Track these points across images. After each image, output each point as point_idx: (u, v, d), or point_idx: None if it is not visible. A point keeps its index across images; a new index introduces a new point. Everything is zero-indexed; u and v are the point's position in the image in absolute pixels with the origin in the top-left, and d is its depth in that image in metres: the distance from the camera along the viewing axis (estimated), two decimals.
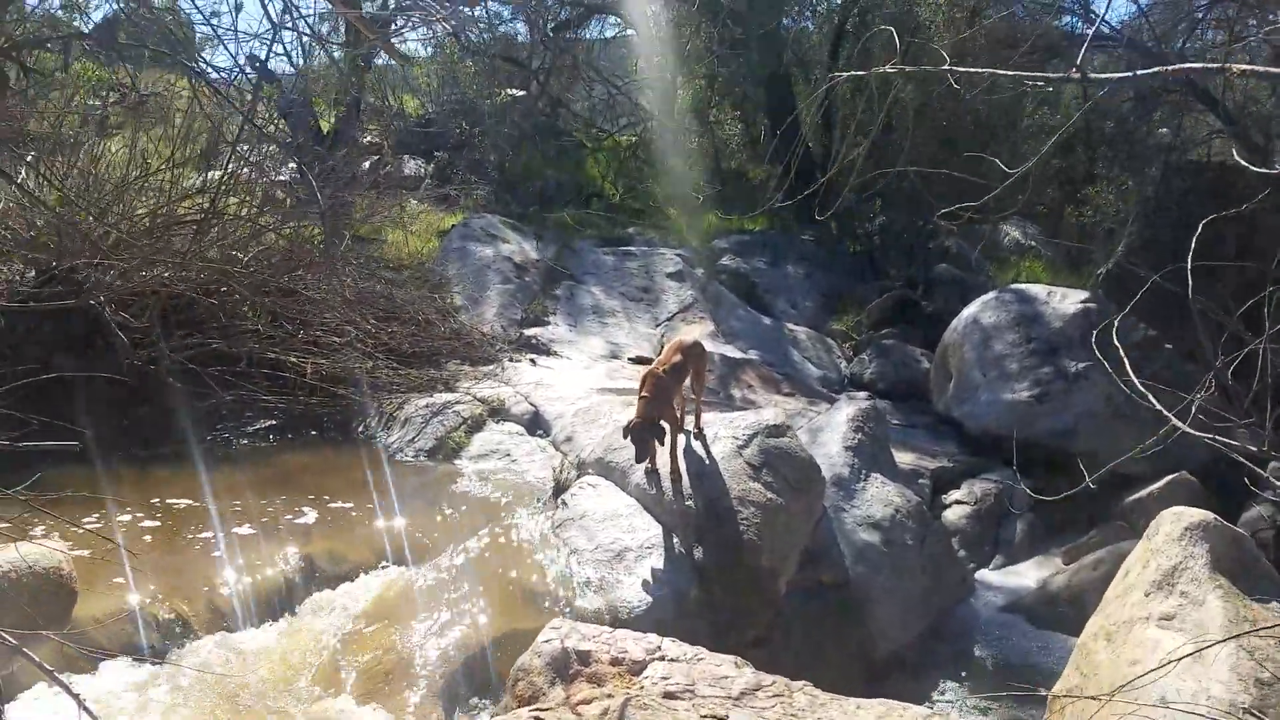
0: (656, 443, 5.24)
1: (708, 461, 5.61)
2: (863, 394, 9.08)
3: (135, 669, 4.07)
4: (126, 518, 5.16)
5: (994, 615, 6.53)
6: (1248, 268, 4.37)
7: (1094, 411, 8.18)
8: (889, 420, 8.82)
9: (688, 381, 5.85)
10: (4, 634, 2.35)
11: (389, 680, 4.21)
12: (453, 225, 11.68)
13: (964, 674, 5.51)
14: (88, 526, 4.50)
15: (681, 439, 5.71)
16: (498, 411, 7.50)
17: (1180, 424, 2.70)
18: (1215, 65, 2.81)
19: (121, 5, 6.70)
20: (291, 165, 9.80)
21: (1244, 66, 2.92)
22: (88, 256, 6.19)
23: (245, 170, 8.16)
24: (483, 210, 12.48)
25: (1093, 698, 3.01)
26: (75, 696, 2.41)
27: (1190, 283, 3.03)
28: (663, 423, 5.27)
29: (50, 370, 4.94)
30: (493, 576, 5.09)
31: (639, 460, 5.31)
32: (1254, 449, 2.69)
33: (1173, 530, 3.54)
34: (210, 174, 7.88)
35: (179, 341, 6.50)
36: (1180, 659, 2.80)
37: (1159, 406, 2.85)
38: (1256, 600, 3.19)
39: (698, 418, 5.99)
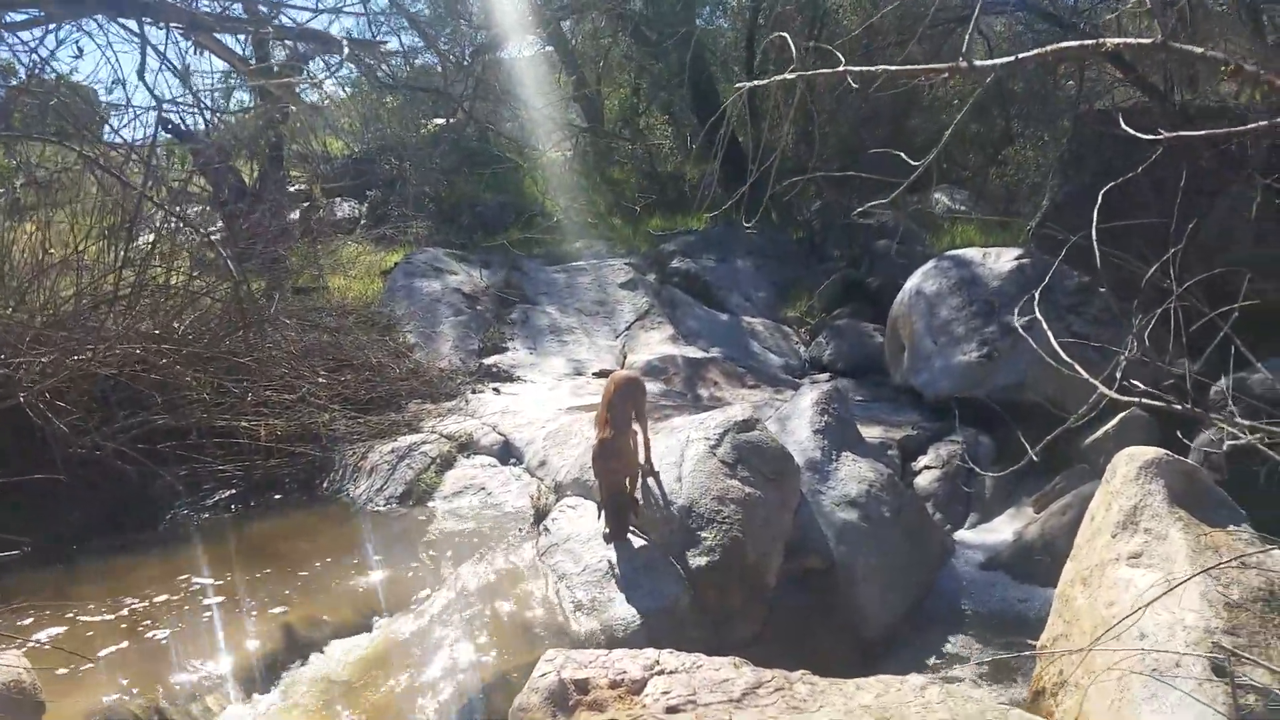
0: (631, 513, 5.15)
1: (680, 466, 5.62)
2: (824, 376, 9.20)
3: None
4: (90, 617, 5.00)
5: (976, 574, 6.64)
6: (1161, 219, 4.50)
7: (1042, 361, 8.38)
8: (852, 398, 8.97)
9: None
10: None
11: None
12: (395, 263, 11.57)
13: (955, 637, 5.60)
14: (50, 631, 4.36)
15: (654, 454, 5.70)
16: (466, 446, 7.44)
17: (1107, 391, 2.80)
18: (1091, 42, 2.94)
19: (16, 83, 6.54)
20: (219, 224, 9.64)
21: (1116, 41, 3.05)
22: (11, 349, 6.00)
23: (171, 231, 7.97)
24: (424, 244, 12.39)
25: (1073, 651, 3.10)
26: None
27: (1098, 251, 3.14)
28: (627, 488, 5.18)
29: None
30: (481, 615, 5.03)
31: (613, 539, 5.16)
32: (1178, 405, 2.79)
33: (1129, 471, 3.64)
34: (135, 242, 7.71)
35: (122, 423, 6.33)
36: (1151, 602, 2.90)
37: (1086, 375, 2.96)
38: (1215, 529, 3.30)
39: (647, 452, 5.77)
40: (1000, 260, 9.30)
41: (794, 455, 6.04)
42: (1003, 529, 7.47)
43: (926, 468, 8.06)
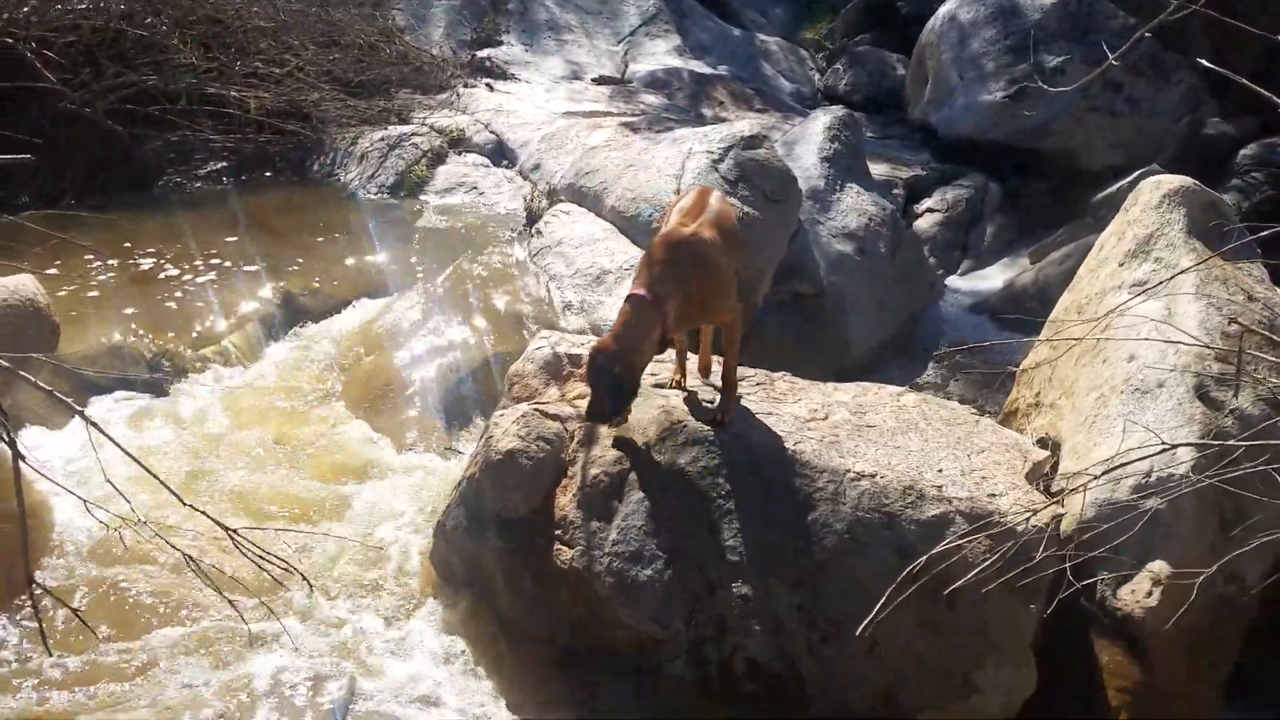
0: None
1: (680, 179, 5.47)
2: (837, 108, 8.78)
3: (126, 402, 4.14)
4: (94, 270, 5.03)
5: (962, 316, 6.74)
6: None
7: (1070, 108, 8.03)
8: (864, 132, 8.63)
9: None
10: None
11: (385, 399, 4.34)
12: None
13: (935, 367, 5.76)
14: (56, 277, 4.40)
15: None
16: (458, 142, 7.21)
17: None
18: None
19: None
20: None
21: None
22: None
23: None
24: None
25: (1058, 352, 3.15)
26: (80, 411, 2.42)
27: None
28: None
29: None
30: (474, 304, 5.10)
31: (594, 418, 3.04)
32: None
33: (1151, 198, 3.54)
34: None
35: (111, 80, 6.05)
36: (1144, 291, 2.89)
37: None
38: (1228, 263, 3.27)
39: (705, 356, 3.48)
40: None
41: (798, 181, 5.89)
42: (995, 277, 7.50)
43: (930, 210, 7.94)
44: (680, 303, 2.95)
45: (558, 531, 3.09)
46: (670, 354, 3.56)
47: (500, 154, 7.11)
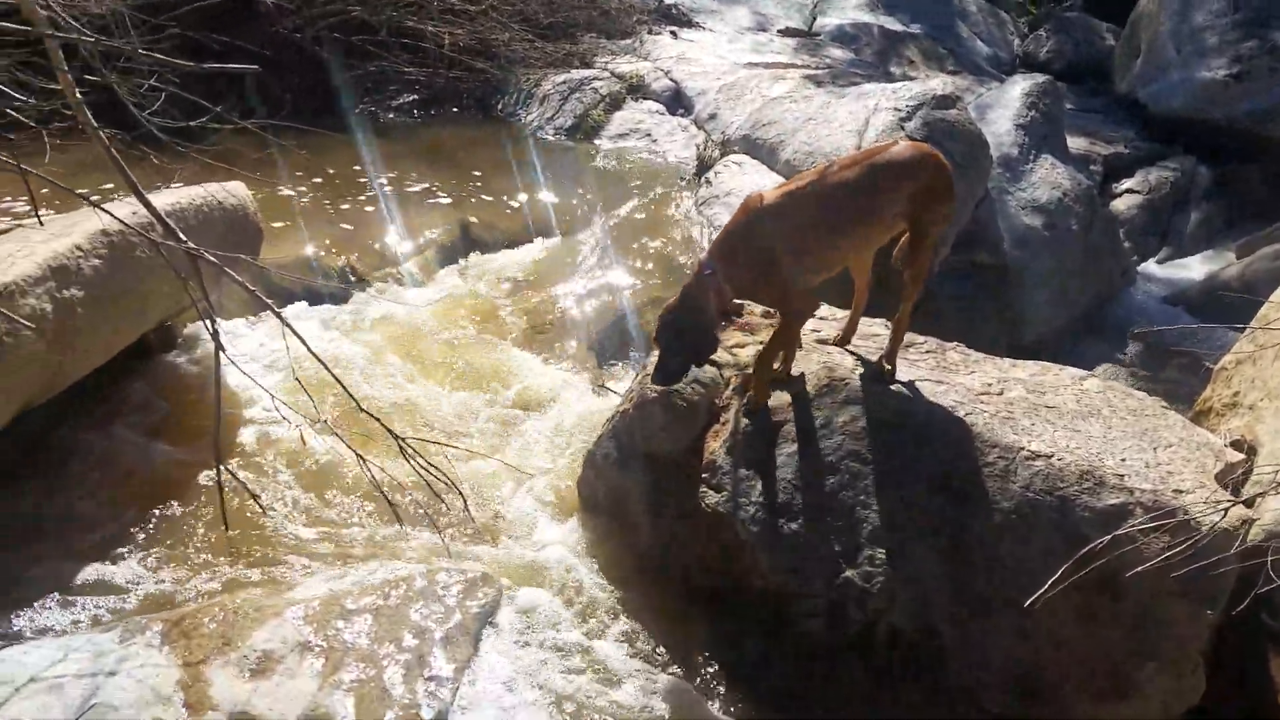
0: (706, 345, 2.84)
1: (862, 134, 5.28)
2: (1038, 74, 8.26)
3: (312, 311, 4.44)
4: (287, 188, 5.38)
5: (1154, 306, 6.27)
6: None
7: None
8: (1065, 103, 8.09)
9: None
10: (209, 254, 2.51)
11: (547, 333, 4.46)
12: None
13: (1120, 356, 5.39)
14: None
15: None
16: (637, 88, 7.24)
17: None
18: None
19: None
20: None
21: None
22: None
23: None
24: None
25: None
26: (278, 314, 2.61)
27: None
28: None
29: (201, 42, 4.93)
30: (637, 248, 5.15)
31: (659, 380, 2.90)
32: None
33: None
34: None
35: (321, 8, 6.41)
36: None
37: None
38: None
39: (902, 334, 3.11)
40: None
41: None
42: (1194, 268, 6.92)
43: (1129, 190, 7.39)
44: (733, 279, 2.78)
45: (705, 475, 3.09)
46: (829, 310, 3.48)
47: (677, 102, 7.09)
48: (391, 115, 6.82)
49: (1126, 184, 7.47)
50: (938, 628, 2.72)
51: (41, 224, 3.18)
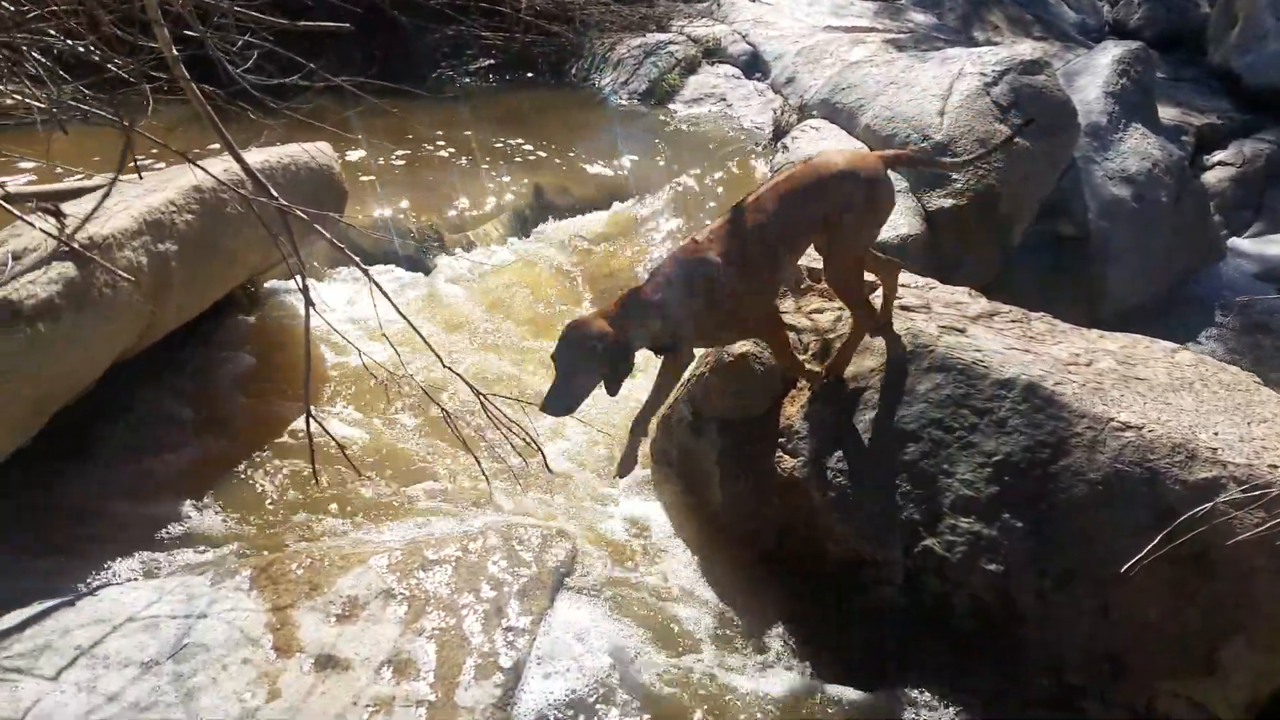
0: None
1: (946, 99, 5.15)
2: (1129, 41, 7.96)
3: (391, 270, 4.52)
4: (365, 152, 5.46)
5: (1245, 282, 6.04)
6: None
7: None
8: (1156, 71, 7.78)
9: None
10: (300, 210, 2.56)
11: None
12: None
13: (1207, 332, 5.21)
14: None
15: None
16: (713, 52, 7.17)
17: None
18: None
19: None
20: None
21: None
22: None
23: None
24: None
25: None
26: (366, 271, 2.66)
27: None
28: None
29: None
30: (711, 215, 5.12)
31: (563, 410, 2.71)
32: None
33: None
34: None
35: None
36: None
37: None
38: None
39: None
40: None
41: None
42: None
43: (1221, 163, 7.10)
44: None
45: (781, 439, 3.08)
46: (910, 278, 3.42)
47: (753, 66, 7.00)
48: (468, 80, 6.86)
49: (1219, 156, 7.18)
50: (1019, 599, 2.69)
51: (141, 177, 3.28)
